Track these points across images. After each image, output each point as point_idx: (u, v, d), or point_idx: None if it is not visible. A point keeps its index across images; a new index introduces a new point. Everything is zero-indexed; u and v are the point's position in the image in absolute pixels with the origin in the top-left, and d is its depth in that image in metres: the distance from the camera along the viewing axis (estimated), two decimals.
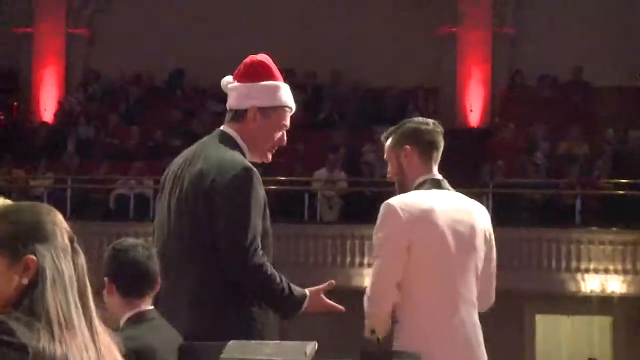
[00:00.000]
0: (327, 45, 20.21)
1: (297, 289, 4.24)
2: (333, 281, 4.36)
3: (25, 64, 21.86)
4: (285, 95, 4.43)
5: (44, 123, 20.97)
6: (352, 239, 16.46)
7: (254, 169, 4.24)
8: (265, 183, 4.43)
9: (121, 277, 4.17)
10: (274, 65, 4.50)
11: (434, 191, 4.38)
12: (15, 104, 21.78)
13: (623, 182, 16.99)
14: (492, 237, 4.42)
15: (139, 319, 4.16)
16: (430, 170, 4.48)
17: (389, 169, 4.56)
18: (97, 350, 2.60)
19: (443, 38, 20.97)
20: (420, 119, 4.63)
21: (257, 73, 4.44)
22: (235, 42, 20.66)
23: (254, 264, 4.12)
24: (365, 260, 15.90)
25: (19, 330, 2.49)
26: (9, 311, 2.55)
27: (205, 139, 4.51)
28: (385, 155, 4.55)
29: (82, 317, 2.60)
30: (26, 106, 21.64)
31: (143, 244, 4.41)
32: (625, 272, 16.12)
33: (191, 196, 4.24)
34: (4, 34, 21.52)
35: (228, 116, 4.49)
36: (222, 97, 18.85)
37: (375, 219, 4.38)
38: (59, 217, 2.70)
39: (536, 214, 16.39)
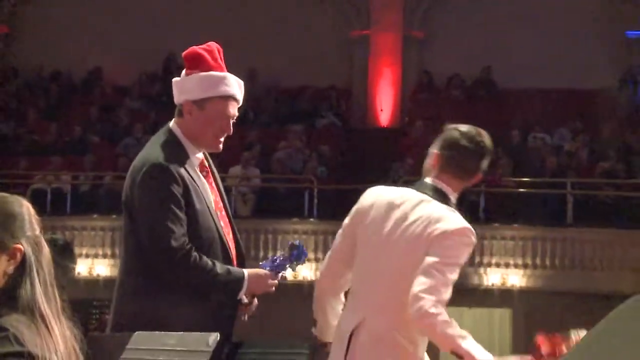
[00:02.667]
0: (244, 45, 20.16)
1: (234, 271, 4.20)
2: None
3: None
4: (222, 84, 4.31)
5: None
6: (265, 234, 16.49)
7: (164, 164, 4.16)
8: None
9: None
10: (215, 53, 4.39)
11: (405, 190, 4.14)
12: None
13: (524, 181, 17.25)
14: (441, 237, 3.98)
15: None
16: (437, 177, 4.19)
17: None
18: (66, 343, 2.59)
19: (355, 40, 21.10)
20: (471, 130, 4.28)
21: (193, 65, 4.37)
22: (154, 40, 20.59)
23: (178, 260, 4.09)
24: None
25: (25, 335, 2.49)
26: (5, 311, 2.52)
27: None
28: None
29: (56, 310, 2.61)
30: None
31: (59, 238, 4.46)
32: (525, 266, 16.37)
33: (125, 191, 4.26)
34: None
35: (175, 112, 4.42)
36: (140, 94, 18.92)
37: (288, 214, 4.40)
38: (31, 208, 2.70)
39: None
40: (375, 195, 4.17)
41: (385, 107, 20.77)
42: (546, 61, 19.85)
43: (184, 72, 4.41)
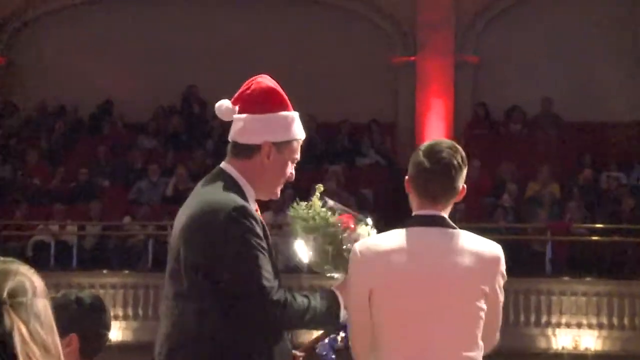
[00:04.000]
0: (273, 75, 20.19)
1: (324, 297, 4.31)
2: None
3: None
4: (298, 126, 4.38)
5: None
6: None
7: (245, 204, 4.19)
8: None
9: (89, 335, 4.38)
10: (283, 91, 4.44)
11: (414, 230, 4.22)
12: None
13: (598, 227, 17.14)
14: (495, 284, 4.15)
15: None
16: (422, 207, 4.28)
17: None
18: None
19: (400, 67, 21.11)
20: (437, 145, 4.37)
21: (270, 103, 4.37)
22: (171, 71, 20.72)
23: (274, 304, 4.11)
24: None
25: None
26: None
27: (203, 179, 4.44)
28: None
29: None
30: None
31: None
32: (600, 326, 16.22)
33: (182, 242, 4.22)
34: None
35: (231, 151, 4.38)
36: (155, 132, 18.98)
37: None
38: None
39: None
40: None
41: None
42: (615, 91, 19.76)
43: (226, 102, 4.45)
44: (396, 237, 4.22)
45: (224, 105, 4.43)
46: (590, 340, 16.20)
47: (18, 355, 2.53)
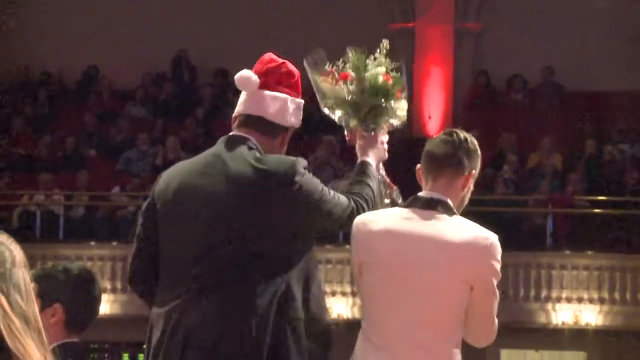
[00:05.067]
0: (266, 42, 20.22)
1: (361, 178, 4.53)
2: None
3: None
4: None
5: None
6: None
7: (300, 159, 4.27)
8: None
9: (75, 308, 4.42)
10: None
11: (407, 211, 4.32)
12: None
13: (600, 200, 17.19)
14: (482, 271, 4.21)
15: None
16: (426, 185, 4.39)
17: None
18: None
19: (397, 34, 21.08)
20: (444, 134, 4.52)
21: (295, 85, 4.46)
22: (160, 36, 20.69)
23: (353, 212, 4.29)
24: None
25: None
26: None
27: (218, 149, 4.30)
28: None
29: None
30: None
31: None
32: (601, 301, 16.30)
33: (245, 214, 4.14)
34: None
35: (256, 126, 4.32)
36: (144, 99, 18.97)
37: (318, 240, 4.49)
38: None
39: (502, 235, 16.51)
40: None
41: (433, 113, 20.76)
42: (621, 60, 19.78)
43: (249, 73, 4.38)
44: (392, 217, 4.33)
45: (251, 77, 4.34)
46: (591, 315, 16.29)
47: (0, 327, 2.55)
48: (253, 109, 4.34)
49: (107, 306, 16.74)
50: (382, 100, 4.63)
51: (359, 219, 4.34)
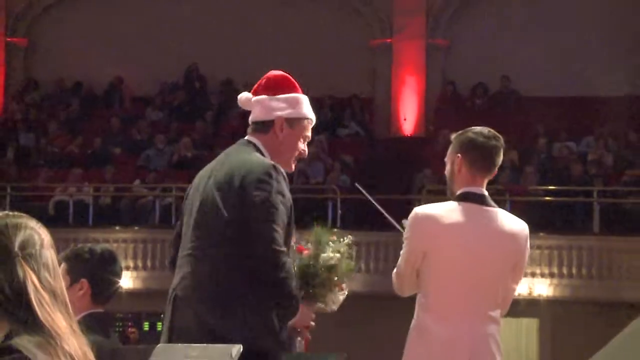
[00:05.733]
0: (266, 56, 20.22)
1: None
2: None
3: None
4: (307, 107, 4.50)
5: None
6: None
7: (276, 164, 4.22)
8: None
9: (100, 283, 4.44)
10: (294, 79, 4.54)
11: (466, 206, 4.44)
12: None
13: (550, 189, 17.20)
14: (524, 253, 4.50)
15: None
16: (475, 184, 4.47)
17: (446, 170, 4.59)
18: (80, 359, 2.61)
19: (378, 49, 21.09)
20: (483, 130, 4.53)
21: (280, 86, 4.47)
22: (175, 50, 20.66)
23: (283, 265, 4.10)
24: None
25: (37, 357, 2.48)
26: (17, 333, 2.52)
27: (229, 148, 4.45)
28: (446, 157, 4.59)
29: (69, 327, 2.62)
30: None
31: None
32: (551, 275, 16.33)
33: (219, 197, 4.21)
34: None
35: (251, 129, 4.45)
36: (161, 105, 18.91)
37: (309, 224, 4.50)
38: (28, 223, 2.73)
39: None
40: None
41: (408, 116, 20.76)
42: (569, 69, 19.80)
43: (247, 93, 4.50)
44: (450, 210, 4.45)
45: (243, 96, 4.52)
46: (543, 287, 16.31)
47: (32, 301, 2.53)
48: (251, 117, 4.49)
49: (129, 281, 16.73)
50: (326, 280, 4.46)
51: (422, 212, 4.44)
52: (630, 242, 16.31)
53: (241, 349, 3.19)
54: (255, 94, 4.47)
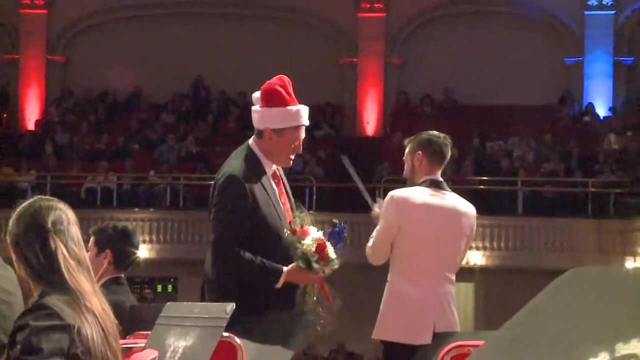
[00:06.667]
0: (259, 70, 20.23)
1: (272, 266, 4.11)
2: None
3: (12, 84, 21.52)
4: (297, 116, 4.28)
5: (28, 131, 20.67)
6: None
7: (237, 176, 4.13)
8: (207, 179, 4.46)
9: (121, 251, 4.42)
10: (288, 87, 4.32)
11: (430, 190, 4.46)
12: (5, 115, 21.40)
13: (483, 179, 17.27)
14: (473, 229, 4.54)
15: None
16: (434, 173, 4.51)
17: (405, 167, 4.60)
18: (102, 315, 2.60)
19: (346, 66, 21.12)
20: (435, 132, 4.61)
21: (270, 99, 4.28)
22: (184, 65, 20.61)
23: (224, 255, 4.08)
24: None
25: (65, 312, 2.49)
26: (48, 293, 2.53)
27: (236, 150, 4.41)
28: (404, 157, 4.60)
29: (92, 288, 2.61)
30: (14, 117, 21.30)
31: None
32: (484, 248, 16.39)
33: (211, 194, 4.29)
34: None
35: (255, 132, 4.34)
36: (172, 110, 18.86)
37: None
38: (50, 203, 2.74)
39: None
40: None
41: (370, 120, 20.78)
42: (500, 82, 19.88)
43: (257, 102, 4.35)
44: (423, 194, 4.47)
45: (255, 95, 4.39)
46: (478, 257, 16.38)
47: (61, 267, 2.54)
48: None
49: (145, 252, 16.69)
50: (303, 257, 4.21)
51: (398, 194, 4.45)
52: (547, 221, 16.41)
53: (234, 307, 3.18)
54: (256, 102, 4.35)
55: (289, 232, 4.19)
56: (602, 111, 19.75)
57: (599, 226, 16.15)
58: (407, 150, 4.61)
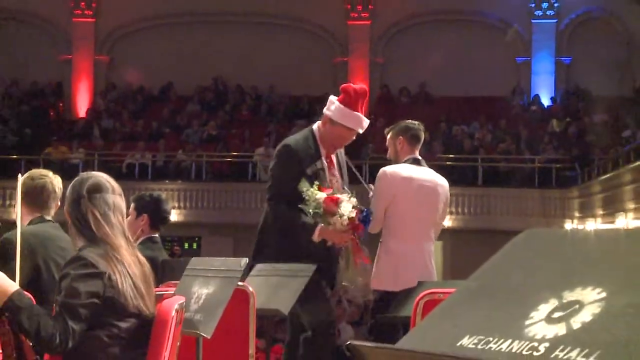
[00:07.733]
0: (267, 69, 20.23)
1: (310, 222, 4.00)
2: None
3: (67, 79, 21.48)
4: (352, 120, 4.12)
5: (79, 118, 20.64)
6: None
7: (291, 145, 4.09)
8: (225, 156, 4.39)
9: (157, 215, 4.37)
10: (362, 97, 4.19)
11: (413, 166, 4.46)
12: (61, 105, 21.39)
13: (450, 157, 17.27)
14: (448, 196, 4.52)
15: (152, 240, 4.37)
16: (414, 153, 4.51)
17: (389, 151, 4.56)
18: (135, 266, 2.59)
19: (338, 64, 21.05)
20: (411, 121, 4.65)
21: (345, 97, 4.19)
22: (207, 64, 20.53)
23: (273, 206, 4.06)
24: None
25: (99, 262, 2.49)
26: (85, 246, 2.53)
27: None
28: (387, 142, 4.56)
29: (125, 242, 2.58)
30: (68, 107, 21.28)
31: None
32: (451, 213, 16.42)
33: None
34: (52, 59, 21.16)
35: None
36: (197, 101, 18.73)
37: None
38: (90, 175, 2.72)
39: None
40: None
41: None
42: (464, 77, 19.84)
43: (334, 97, 4.29)
44: (409, 169, 4.44)
45: (331, 96, 4.30)
46: (446, 220, 16.36)
47: (92, 227, 2.54)
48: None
49: (175, 216, 16.70)
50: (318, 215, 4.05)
51: (389, 170, 4.40)
52: (502, 191, 16.46)
53: (247, 261, 3.17)
54: (338, 93, 4.27)
55: (315, 187, 4.01)
56: (546, 101, 19.82)
57: (544, 195, 16.27)
58: (389, 137, 4.59)
